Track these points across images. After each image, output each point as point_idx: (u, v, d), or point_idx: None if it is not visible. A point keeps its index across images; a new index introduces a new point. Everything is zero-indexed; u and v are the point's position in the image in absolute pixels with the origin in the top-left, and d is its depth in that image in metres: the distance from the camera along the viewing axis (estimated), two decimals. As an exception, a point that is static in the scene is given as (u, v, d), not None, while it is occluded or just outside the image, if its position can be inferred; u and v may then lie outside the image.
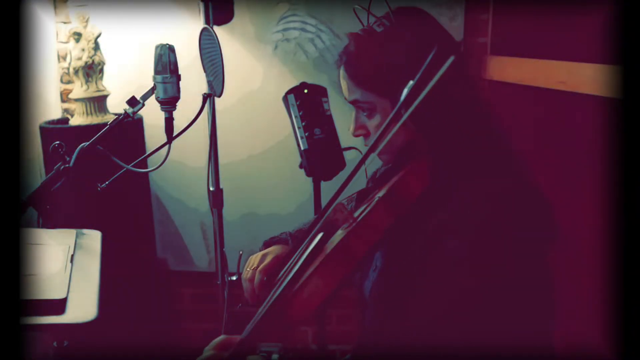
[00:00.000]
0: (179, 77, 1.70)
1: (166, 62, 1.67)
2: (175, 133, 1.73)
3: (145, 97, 1.68)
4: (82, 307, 1.11)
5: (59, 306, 1.08)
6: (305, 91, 1.67)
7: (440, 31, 1.12)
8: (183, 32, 2.46)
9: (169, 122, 1.72)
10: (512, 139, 1.10)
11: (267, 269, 1.28)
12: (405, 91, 1.01)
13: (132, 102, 1.65)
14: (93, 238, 1.49)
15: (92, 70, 2.36)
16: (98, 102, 2.39)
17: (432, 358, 0.95)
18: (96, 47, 2.37)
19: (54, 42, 2.62)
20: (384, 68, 1.07)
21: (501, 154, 1.08)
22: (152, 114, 2.12)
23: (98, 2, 2.46)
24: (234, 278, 2.11)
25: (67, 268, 1.24)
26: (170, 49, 1.70)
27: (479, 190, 1.01)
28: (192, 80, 2.06)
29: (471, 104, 1.08)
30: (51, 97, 2.61)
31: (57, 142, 1.52)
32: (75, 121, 2.41)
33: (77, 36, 2.35)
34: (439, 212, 1.02)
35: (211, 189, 2.13)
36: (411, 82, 1.00)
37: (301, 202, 2.61)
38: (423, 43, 1.05)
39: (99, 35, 2.36)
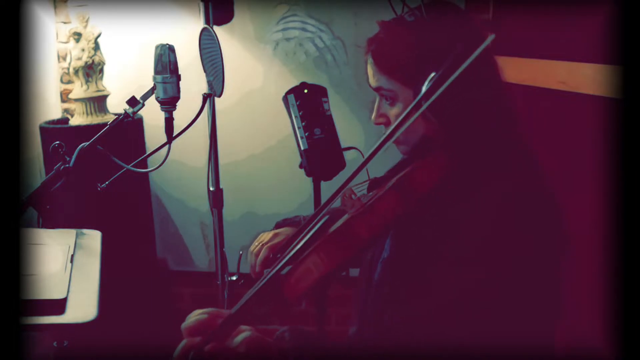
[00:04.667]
0: (179, 77, 1.70)
1: (166, 62, 1.67)
2: (175, 133, 1.73)
3: (145, 97, 1.67)
4: (82, 307, 1.10)
5: (59, 306, 1.08)
6: (305, 91, 1.67)
7: (471, 27, 1.12)
8: (183, 32, 2.46)
9: (169, 122, 1.72)
10: (531, 140, 1.10)
11: (274, 246, 1.32)
12: (427, 82, 1.01)
13: (132, 102, 1.65)
14: (93, 238, 1.49)
15: (92, 70, 2.36)
16: (98, 102, 2.39)
17: (432, 350, 0.95)
18: (96, 47, 2.37)
19: (54, 42, 2.62)
20: (411, 58, 1.07)
21: (520, 154, 1.08)
22: (152, 114, 2.12)
23: (98, 2, 2.46)
24: (234, 278, 2.11)
25: (67, 268, 1.24)
26: (170, 49, 1.70)
27: (495, 189, 1.01)
28: (192, 80, 2.06)
29: (495, 101, 1.08)
30: (51, 97, 2.61)
31: (57, 142, 1.52)
32: (75, 121, 2.41)
33: (77, 36, 2.35)
34: (454, 207, 1.02)
35: (211, 189, 2.13)
36: (433, 74, 1.00)
37: (301, 202, 2.61)
38: (453, 37, 1.05)
39: (99, 35, 2.37)
